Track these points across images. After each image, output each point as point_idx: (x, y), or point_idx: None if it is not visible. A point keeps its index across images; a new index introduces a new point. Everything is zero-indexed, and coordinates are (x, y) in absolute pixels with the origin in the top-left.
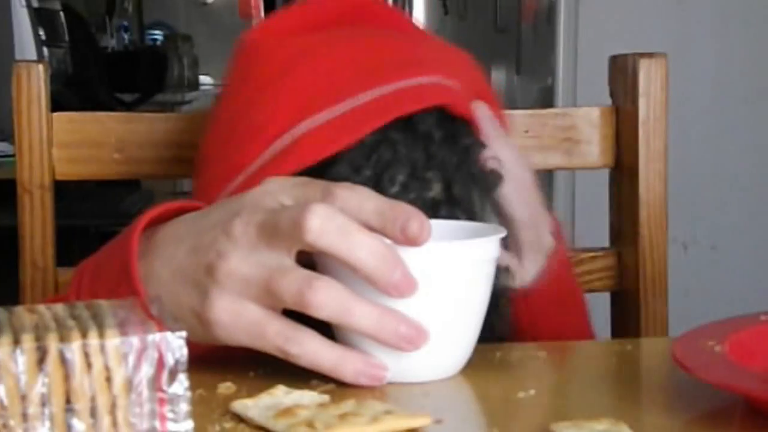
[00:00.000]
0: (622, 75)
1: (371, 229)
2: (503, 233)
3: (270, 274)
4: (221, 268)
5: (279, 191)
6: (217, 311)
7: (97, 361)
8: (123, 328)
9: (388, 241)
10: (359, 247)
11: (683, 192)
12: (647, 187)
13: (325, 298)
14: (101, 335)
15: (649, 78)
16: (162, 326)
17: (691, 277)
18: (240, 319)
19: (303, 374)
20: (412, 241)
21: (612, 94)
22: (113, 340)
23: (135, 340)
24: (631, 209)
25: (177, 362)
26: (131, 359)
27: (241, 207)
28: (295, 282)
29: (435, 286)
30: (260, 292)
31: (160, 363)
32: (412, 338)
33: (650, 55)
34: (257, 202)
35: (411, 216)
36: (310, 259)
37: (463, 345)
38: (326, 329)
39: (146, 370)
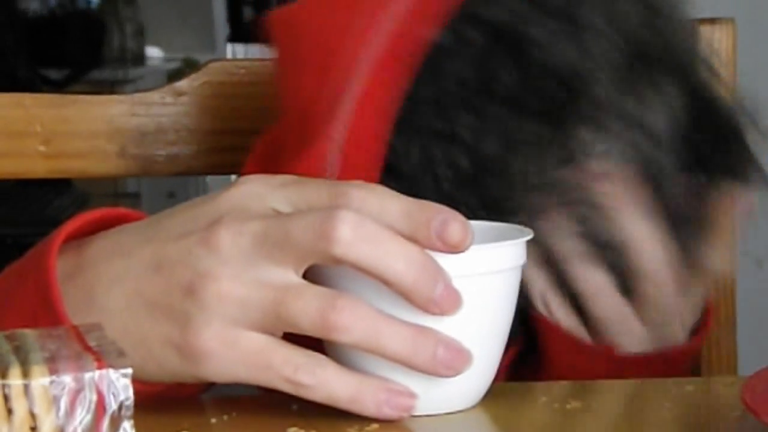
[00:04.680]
0: None
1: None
2: (530, 234)
3: (279, 295)
4: (208, 290)
5: (267, 194)
6: (206, 341)
7: (19, 407)
8: (53, 365)
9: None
10: (396, 257)
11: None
12: None
13: (352, 319)
14: (25, 374)
15: (711, 49)
16: (102, 361)
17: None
18: (236, 348)
19: (277, 420)
20: (453, 248)
21: None
22: (41, 380)
23: (68, 380)
24: None
25: (121, 406)
26: (63, 403)
27: (218, 213)
28: (313, 302)
29: (473, 297)
30: (264, 317)
31: (100, 407)
32: (452, 362)
33: (713, 20)
34: (243, 207)
35: (449, 217)
36: None
37: (495, 365)
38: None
39: (82, 417)
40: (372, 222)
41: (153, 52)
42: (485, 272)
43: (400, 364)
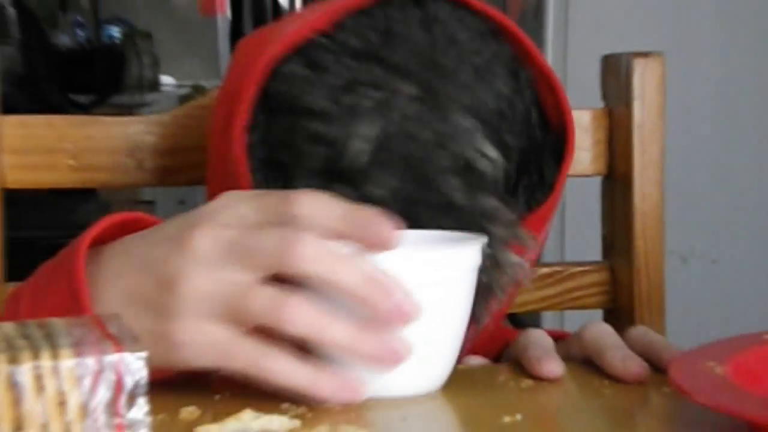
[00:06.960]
0: (615, 76)
1: (338, 237)
2: (485, 239)
3: (239, 291)
4: (182, 285)
5: (240, 203)
6: (180, 332)
7: (49, 385)
8: (78, 349)
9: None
10: (349, 274)
11: (682, 201)
12: (642, 196)
13: (299, 313)
14: (54, 356)
15: (644, 79)
16: (120, 346)
17: (691, 292)
18: (206, 339)
19: (272, 397)
20: (381, 245)
21: (604, 97)
22: (67, 362)
23: (91, 362)
24: (624, 220)
25: (136, 385)
26: (87, 382)
27: (198, 219)
28: (267, 297)
29: (419, 297)
30: (228, 310)
31: (118, 386)
32: (391, 355)
33: (645, 54)
34: (219, 214)
35: (378, 220)
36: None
37: (448, 357)
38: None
39: (103, 394)
40: (329, 246)
41: (166, 80)
42: (432, 274)
43: (345, 354)
